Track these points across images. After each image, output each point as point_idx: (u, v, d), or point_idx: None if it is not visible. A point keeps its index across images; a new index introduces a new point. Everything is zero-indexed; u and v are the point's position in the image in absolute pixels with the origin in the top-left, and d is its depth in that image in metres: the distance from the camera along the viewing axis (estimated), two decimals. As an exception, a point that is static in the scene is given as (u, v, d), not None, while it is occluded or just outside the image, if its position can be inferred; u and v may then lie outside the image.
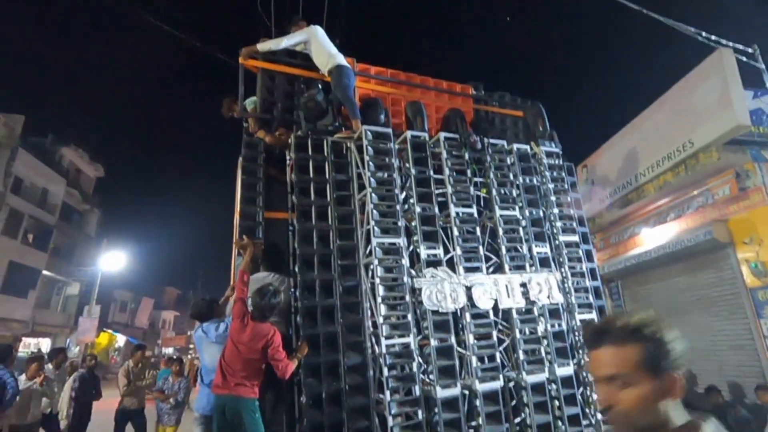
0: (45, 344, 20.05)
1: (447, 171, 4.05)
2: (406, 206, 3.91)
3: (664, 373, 0.97)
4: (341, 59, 4.28)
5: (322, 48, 4.29)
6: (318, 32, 4.35)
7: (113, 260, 22.17)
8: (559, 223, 4.49)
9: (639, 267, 7.48)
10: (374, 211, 3.64)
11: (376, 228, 3.60)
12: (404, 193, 3.93)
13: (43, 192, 20.84)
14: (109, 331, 27.10)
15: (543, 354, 3.88)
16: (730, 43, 6.22)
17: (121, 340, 29.01)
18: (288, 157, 3.95)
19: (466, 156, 4.21)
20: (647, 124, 7.39)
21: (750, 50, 6.58)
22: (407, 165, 3.99)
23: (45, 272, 20.63)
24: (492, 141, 4.43)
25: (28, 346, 19.05)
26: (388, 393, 3.22)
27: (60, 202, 21.74)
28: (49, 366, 5.73)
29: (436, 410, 3.30)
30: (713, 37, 6.24)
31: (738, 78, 5.86)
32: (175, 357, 7.59)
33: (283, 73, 4.50)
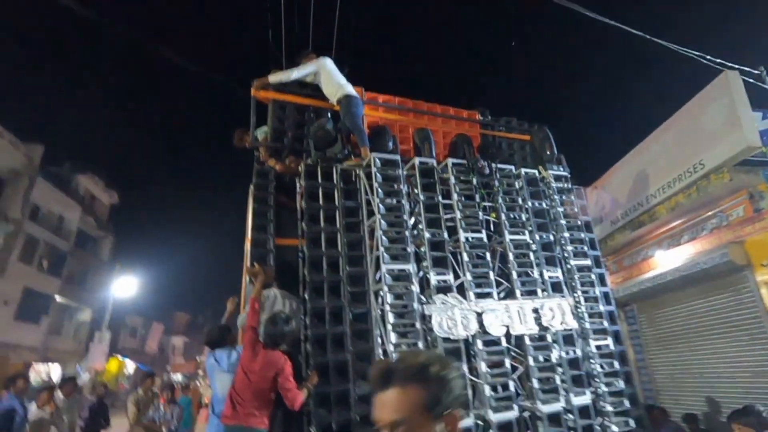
0: (55, 370, 20.03)
1: (455, 196, 4.07)
2: (415, 232, 3.92)
3: (445, 413, 0.97)
4: (350, 89, 4.39)
5: (331, 78, 4.41)
6: (327, 63, 4.48)
7: (125, 286, 22.35)
8: (570, 247, 4.45)
9: (654, 290, 7.31)
10: (383, 238, 3.65)
11: (385, 254, 3.60)
12: (413, 219, 3.95)
13: (59, 219, 21.27)
14: (119, 356, 27.02)
15: (558, 382, 3.78)
16: (736, 66, 6.25)
17: (130, 366, 28.87)
18: (298, 185, 4.01)
19: (475, 181, 4.23)
20: (656, 146, 7.37)
21: (756, 72, 6.60)
22: (416, 191, 4.02)
23: (58, 298, 20.83)
24: (500, 166, 4.46)
25: (39, 372, 19.05)
26: (399, 424, 3.15)
27: (75, 228, 22.15)
28: (59, 395, 5.73)
29: (449, 442, 3.22)
30: (718, 60, 6.28)
31: (746, 99, 5.86)
32: (175, 384, 7.47)
33: (293, 103, 4.63)
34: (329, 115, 4.45)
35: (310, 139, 4.27)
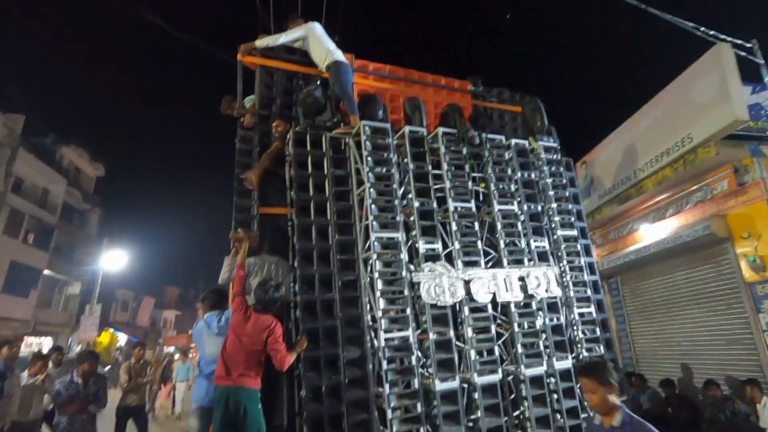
0: (47, 343, 20.09)
1: (445, 166, 4.06)
2: (405, 201, 3.93)
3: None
4: (339, 55, 4.29)
5: (320, 44, 4.30)
6: (316, 28, 4.36)
7: (114, 259, 22.18)
8: (557, 218, 4.51)
9: (638, 262, 7.49)
10: (373, 206, 3.66)
11: (374, 223, 3.62)
12: (403, 189, 3.95)
13: (44, 192, 20.86)
14: (111, 330, 27.14)
15: (541, 348, 3.90)
16: (729, 38, 6.22)
17: (122, 339, 29.05)
18: (287, 153, 3.97)
19: (465, 151, 4.22)
20: (646, 120, 7.39)
21: (749, 45, 6.59)
22: (405, 160, 4.01)
23: (46, 272, 20.66)
24: (490, 136, 4.45)
25: (30, 345, 19.10)
26: (387, 386, 3.25)
27: (60, 201, 21.76)
28: (51, 364, 5.76)
29: (435, 403, 3.33)
30: (712, 32, 6.24)
31: (736, 73, 5.86)
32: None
33: (281, 70, 4.52)
34: (318, 82, 4.37)
35: (298, 106, 4.19)
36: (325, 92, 4.26)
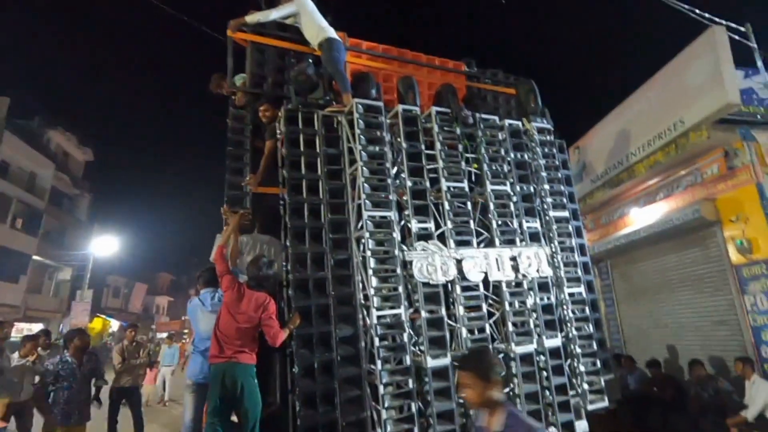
0: (38, 329, 19.98)
1: (438, 146, 4.04)
2: (398, 181, 3.91)
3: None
4: (332, 32, 4.22)
5: (312, 21, 4.22)
6: (308, 4, 4.27)
7: (105, 245, 22.04)
8: (549, 199, 4.53)
9: (628, 246, 7.58)
10: (365, 185, 3.64)
11: (367, 201, 3.60)
12: (396, 168, 3.93)
13: (31, 176, 20.52)
14: (103, 316, 27.05)
15: (532, 326, 3.96)
16: (723, 21, 6.20)
17: (115, 325, 29.00)
18: (278, 131, 3.92)
19: (458, 131, 4.20)
20: (639, 104, 7.40)
21: (742, 29, 6.58)
22: (399, 139, 3.98)
23: (35, 257, 20.46)
24: (483, 116, 4.42)
25: (21, 330, 18.98)
26: (379, 363, 3.28)
27: (49, 186, 21.44)
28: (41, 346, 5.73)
29: (427, 380, 3.37)
30: (707, 15, 6.22)
31: (730, 56, 5.86)
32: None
33: (273, 47, 4.44)
34: (310, 60, 4.29)
35: (290, 84, 4.13)
36: (318, 70, 4.20)
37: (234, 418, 3.04)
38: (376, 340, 3.32)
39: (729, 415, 4.84)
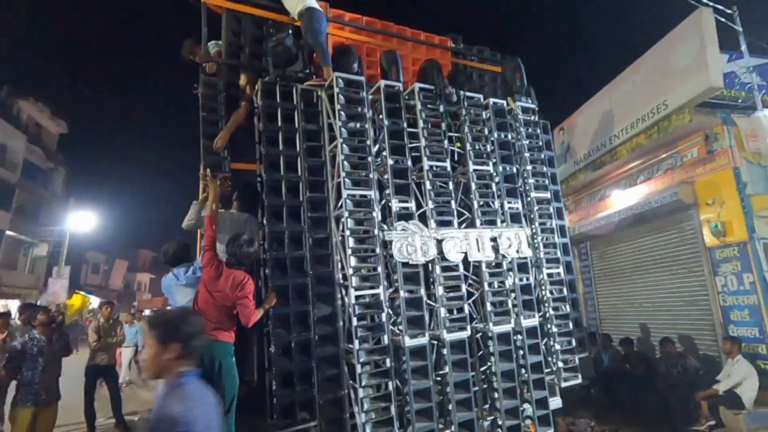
0: (13, 306, 19.56)
1: (421, 123, 3.95)
2: (379, 159, 3.83)
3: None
4: (313, 2, 4.02)
5: (291, -12, 4.01)
6: (287, -30, 4.05)
7: (82, 220, 21.43)
8: (531, 180, 4.51)
9: (608, 228, 7.70)
10: (345, 162, 3.55)
11: (347, 180, 3.52)
12: (377, 146, 3.84)
13: (2, 148, 19.65)
14: (82, 293, 26.61)
15: (510, 306, 3.99)
16: (710, 3, 6.16)
17: (95, 302, 28.59)
18: (255, 105, 3.77)
19: (441, 108, 4.11)
20: (624, 86, 7.39)
21: (729, 11, 6.55)
22: (380, 116, 3.87)
23: (8, 232, 19.82)
24: (468, 94, 4.33)
25: (-6, 307, 18.56)
26: (356, 342, 3.27)
27: (21, 159, 20.56)
28: (17, 321, 5.57)
29: (405, 359, 3.38)
30: (695, -4, 6.16)
31: (715, 39, 5.85)
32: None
33: (250, 15, 4.22)
34: (290, 30, 4.09)
35: (268, 55, 3.95)
36: (297, 41, 4.02)
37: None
38: (354, 320, 3.31)
39: (699, 390, 5.03)
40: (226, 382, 2.74)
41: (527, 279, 4.19)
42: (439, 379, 3.56)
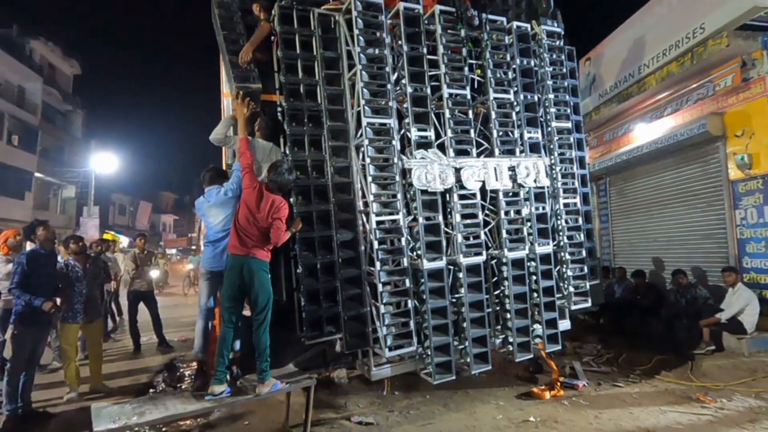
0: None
1: (441, 49, 3.85)
2: (398, 88, 3.80)
3: None
4: None
5: None
6: None
7: (105, 162, 21.99)
8: (553, 109, 4.43)
9: (629, 163, 7.56)
10: (364, 90, 3.55)
11: (366, 108, 3.54)
12: (396, 74, 3.79)
13: (20, 90, 19.76)
14: (112, 232, 27.91)
15: (525, 234, 4.11)
16: None
17: (124, 241, 30.04)
18: (273, 33, 3.71)
19: (463, 33, 3.98)
20: (659, 9, 6.88)
21: None
22: (399, 43, 3.78)
23: (38, 174, 20.51)
24: (491, 17, 4.16)
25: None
26: (378, 264, 3.47)
27: (39, 101, 20.72)
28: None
29: (423, 280, 3.60)
30: None
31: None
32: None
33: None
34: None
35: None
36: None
37: (246, 313, 3.29)
38: (375, 244, 3.49)
39: (703, 318, 5.22)
40: (260, 293, 2.98)
41: (543, 208, 4.26)
42: (454, 300, 3.80)
